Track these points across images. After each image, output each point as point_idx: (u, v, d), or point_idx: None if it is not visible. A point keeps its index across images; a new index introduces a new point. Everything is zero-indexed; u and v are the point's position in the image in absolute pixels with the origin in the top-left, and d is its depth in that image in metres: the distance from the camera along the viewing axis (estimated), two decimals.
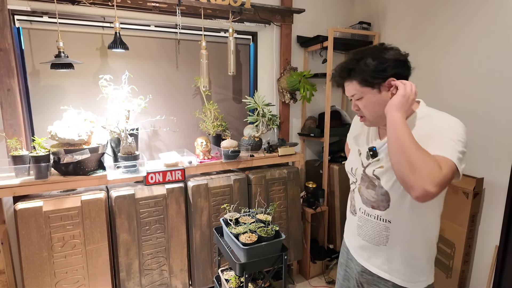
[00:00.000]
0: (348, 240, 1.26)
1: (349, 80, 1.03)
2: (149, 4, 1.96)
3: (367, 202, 1.10)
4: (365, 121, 1.08)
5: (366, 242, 1.12)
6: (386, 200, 1.04)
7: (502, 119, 1.79)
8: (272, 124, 2.32)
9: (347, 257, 1.26)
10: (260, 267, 1.49)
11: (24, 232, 1.56)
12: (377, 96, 1.00)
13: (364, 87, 1.00)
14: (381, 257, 1.09)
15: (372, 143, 1.11)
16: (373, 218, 1.08)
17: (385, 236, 1.06)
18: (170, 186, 1.90)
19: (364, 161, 1.11)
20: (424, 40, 2.22)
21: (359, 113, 1.08)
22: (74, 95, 1.98)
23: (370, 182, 1.08)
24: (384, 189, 1.03)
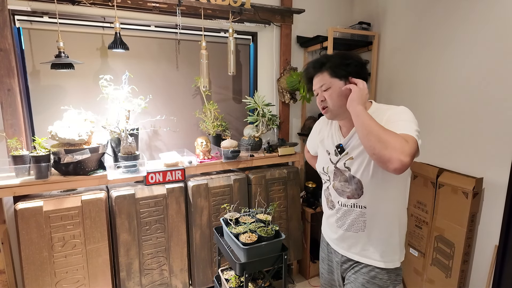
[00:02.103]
0: (327, 234, 1.36)
1: (320, 72, 1.16)
2: (149, 4, 1.97)
3: (342, 193, 1.20)
4: (327, 113, 1.19)
5: (346, 231, 1.22)
6: (360, 187, 1.15)
7: (501, 119, 1.79)
8: (272, 124, 2.32)
9: (327, 251, 1.37)
10: (260, 267, 1.49)
11: (24, 232, 1.57)
12: (341, 89, 1.13)
13: (332, 78, 1.13)
14: (360, 243, 1.19)
15: (338, 142, 1.22)
16: (350, 207, 1.19)
17: (363, 221, 1.18)
18: (170, 186, 1.90)
19: (334, 158, 1.23)
20: (424, 40, 2.23)
21: (323, 104, 1.18)
22: (74, 95, 1.98)
23: (342, 175, 1.20)
24: (356, 177, 1.15)
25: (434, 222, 2.06)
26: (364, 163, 1.12)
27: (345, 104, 1.11)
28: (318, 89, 1.18)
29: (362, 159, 1.12)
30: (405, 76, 2.37)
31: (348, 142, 1.18)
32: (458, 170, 1.99)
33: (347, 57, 1.14)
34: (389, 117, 1.07)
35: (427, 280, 2.11)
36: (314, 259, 2.55)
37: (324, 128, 1.35)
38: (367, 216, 1.17)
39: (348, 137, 1.18)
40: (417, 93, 2.28)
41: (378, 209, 1.16)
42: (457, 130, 2.01)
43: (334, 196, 1.25)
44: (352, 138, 1.17)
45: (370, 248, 1.18)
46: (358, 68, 1.14)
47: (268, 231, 1.51)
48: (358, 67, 1.14)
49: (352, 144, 1.16)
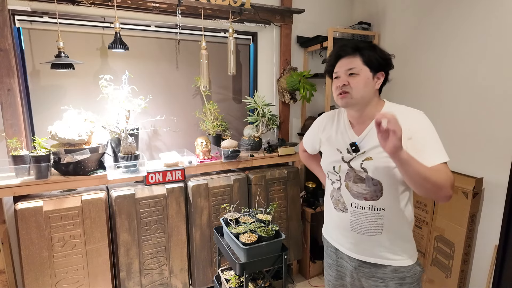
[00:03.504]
0: (337, 239, 1.27)
1: (352, 55, 1.11)
2: (149, 4, 1.97)
3: (358, 195, 1.14)
4: (345, 98, 1.12)
5: (362, 235, 1.15)
6: (379, 189, 1.10)
7: (501, 119, 1.79)
8: (272, 124, 2.32)
9: (336, 257, 1.29)
10: (260, 266, 1.49)
11: (24, 232, 1.57)
12: (370, 79, 1.10)
13: (365, 66, 1.09)
14: (377, 246, 1.14)
15: (350, 140, 1.17)
16: (368, 210, 1.13)
17: (380, 224, 1.13)
18: (170, 186, 1.90)
19: (347, 156, 1.17)
20: (424, 40, 2.23)
21: (345, 89, 1.11)
22: (74, 95, 1.98)
23: (357, 176, 1.14)
24: (376, 179, 1.10)
25: (434, 222, 2.06)
26: (386, 164, 1.07)
27: (367, 95, 1.10)
28: (344, 71, 1.11)
29: (383, 161, 1.07)
30: (405, 76, 2.37)
31: (363, 141, 1.13)
32: (458, 170, 1.99)
33: (384, 52, 1.13)
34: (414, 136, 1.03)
35: (427, 280, 2.11)
36: (314, 259, 2.55)
37: (330, 125, 1.28)
38: (385, 218, 1.12)
39: (363, 136, 1.14)
40: (417, 93, 2.28)
41: (395, 210, 1.12)
42: (457, 130, 2.01)
43: (347, 198, 1.18)
44: (368, 137, 1.12)
45: (388, 248, 1.13)
46: (387, 67, 1.13)
47: (268, 231, 1.51)
48: (387, 67, 1.13)
49: (368, 143, 1.12)
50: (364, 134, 1.14)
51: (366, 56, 1.09)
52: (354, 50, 1.11)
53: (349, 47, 1.12)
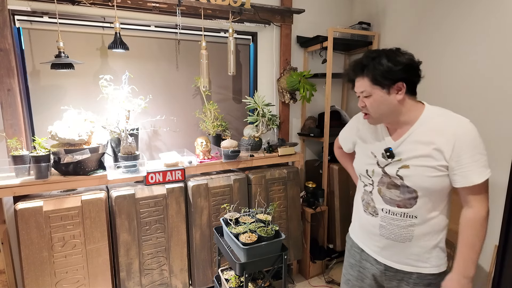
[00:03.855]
0: (364, 241, 1.26)
1: (361, 76, 1.08)
2: (149, 4, 1.97)
3: (391, 202, 1.12)
4: (369, 119, 1.13)
5: (391, 240, 1.14)
6: (414, 198, 1.08)
7: (501, 119, 1.79)
8: (272, 124, 2.32)
9: (360, 258, 1.27)
10: (260, 266, 1.49)
11: (24, 232, 1.57)
12: (385, 96, 1.06)
13: (374, 86, 1.05)
14: (404, 253, 1.13)
15: (386, 144, 1.14)
16: (399, 217, 1.11)
17: (411, 231, 1.11)
18: (170, 186, 1.90)
19: (382, 161, 1.14)
20: (424, 40, 2.23)
21: (364, 110, 1.12)
22: (74, 95, 1.98)
23: (391, 182, 1.11)
24: (412, 188, 1.07)
25: None
26: (423, 174, 1.04)
27: (387, 112, 1.07)
28: (359, 93, 1.11)
29: (421, 170, 1.05)
30: None
31: (399, 147, 1.10)
32: None
33: (395, 61, 1.03)
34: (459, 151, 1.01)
35: None
36: (314, 259, 2.55)
37: (366, 126, 1.24)
38: (416, 226, 1.10)
39: (399, 142, 1.10)
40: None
41: (428, 218, 1.10)
42: None
43: (379, 203, 1.16)
44: (405, 143, 1.09)
45: (418, 256, 1.12)
46: (408, 73, 1.05)
47: (268, 231, 1.51)
48: (409, 73, 1.05)
49: (405, 150, 1.08)
50: (401, 140, 1.10)
51: (372, 76, 1.04)
52: (360, 72, 1.07)
53: (355, 70, 1.09)
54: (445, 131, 1.04)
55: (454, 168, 1.02)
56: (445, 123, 1.06)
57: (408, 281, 1.15)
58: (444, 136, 1.03)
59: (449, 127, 1.04)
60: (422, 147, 1.06)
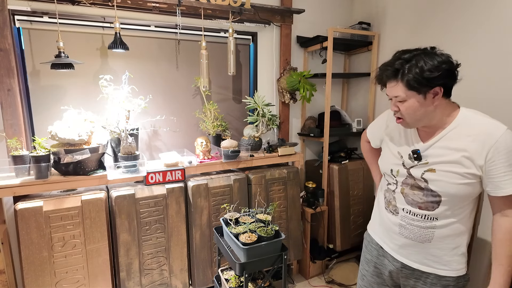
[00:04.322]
0: (381, 238, 1.26)
1: (394, 80, 1.02)
2: (149, 4, 1.97)
3: (413, 203, 1.11)
4: (403, 123, 1.10)
5: (410, 240, 1.14)
6: (437, 201, 1.07)
7: (502, 119, 1.79)
8: (272, 124, 2.32)
9: (377, 254, 1.28)
10: (260, 266, 1.49)
11: (24, 232, 1.57)
12: (421, 101, 1.01)
13: (410, 91, 1.00)
14: (423, 253, 1.13)
15: (414, 146, 1.12)
16: (420, 218, 1.11)
17: (431, 233, 1.10)
18: (170, 186, 1.90)
19: (408, 162, 1.13)
20: (424, 40, 2.23)
21: (398, 115, 1.08)
22: (74, 95, 1.98)
23: (415, 184, 1.10)
24: (436, 192, 1.06)
25: None
26: (449, 180, 1.02)
27: (423, 115, 1.03)
28: (392, 97, 1.07)
29: (447, 176, 1.03)
30: None
31: (428, 150, 1.08)
32: None
33: (432, 65, 0.96)
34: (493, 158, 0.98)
35: None
36: (314, 259, 2.55)
37: (394, 125, 1.20)
38: (437, 228, 1.09)
39: (428, 145, 1.08)
40: None
41: (450, 222, 1.08)
42: None
43: (400, 202, 1.15)
44: (434, 147, 1.06)
45: (437, 258, 1.12)
46: (447, 79, 0.99)
47: (268, 231, 1.51)
48: (448, 78, 0.99)
49: (433, 153, 1.06)
50: (430, 143, 1.08)
51: (407, 81, 0.98)
52: (393, 76, 1.02)
53: (388, 75, 1.03)
54: (479, 138, 1.00)
55: (488, 176, 1.00)
56: (480, 129, 1.01)
57: (425, 281, 1.15)
58: (477, 143, 0.99)
59: (483, 134, 1.00)
60: (451, 153, 1.03)
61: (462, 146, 1.02)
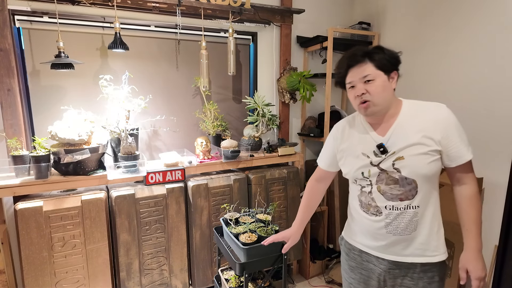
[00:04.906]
0: (364, 242, 1.25)
1: (363, 62, 1.10)
2: (149, 4, 1.97)
3: (393, 197, 1.13)
4: (368, 107, 1.11)
5: (398, 236, 1.15)
6: (414, 187, 1.11)
7: (501, 119, 1.79)
8: (272, 124, 2.32)
9: (361, 260, 1.27)
10: (260, 266, 1.49)
11: (24, 232, 1.57)
12: (387, 82, 1.10)
13: (378, 71, 1.09)
14: (413, 245, 1.15)
15: (376, 141, 1.16)
16: (404, 209, 1.13)
17: (416, 221, 1.13)
18: (170, 186, 1.90)
19: (375, 159, 1.15)
20: (424, 40, 2.23)
21: (365, 97, 1.10)
22: (74, 95, 1.98)
23: (389, 177, 1.13)
24: (410, 178, 1.10)
25: None
26: (419, 162, 1.08)
27: (388, 98, 1.11)
28: (359, 80, 1.10)
29: (416, 159, 1.08)
30: (405, 76, 2.36)
31: (390, 141, 1.12)
32: None
33: (391, 52, 1.12)
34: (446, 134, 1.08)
35: None
36: (314, 259, 2.55)
37: (348, 133, 1.25)
38: (419, 215, 1.13)
39: (388, 135, 1.13)
40: (417, 93, 2.27)
41: (428, 206, 1.14)
42: None
43: (381, 201, 1.16)
44: (394, 137, 1.12)
45: (424, 245, 1.15)
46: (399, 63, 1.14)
47: (268, 231, 1.51)
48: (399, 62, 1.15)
49: (396, 142, 1.11)
50: (389, 134, 1.13)
51: (377, 60, 1.08)
52: (363, 57, 1.10)
53: (359, 55, 1.10)
54: (429, 117, 1.10)
55: (447, 149, 1.09)
56: (426, 110, 1.12)
57: (412, 276, 1.16)
58: (429, 122, 1.09)
59: (431, 113, 1.11)
60: (411, 136, 1.09)
61: (418, 128, 1.09)
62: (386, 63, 1.09)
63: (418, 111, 1.13)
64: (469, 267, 1.11)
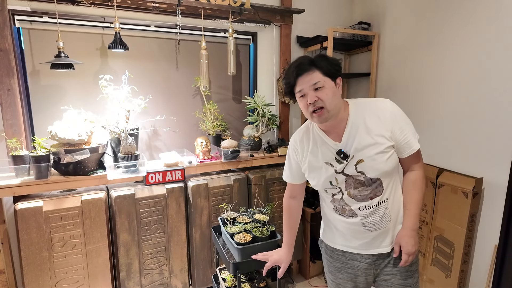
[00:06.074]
0: (345, 243, 1.27)
1: (311, 71, 1.11)
2: (149, 4, 1.97)
3: (364, 198, 1.18)
4: (322, 114, 1.11)
5: (377, 231, 1.20)
6: (380, 184, 1.16)
7: (501, 119, 1.79)
8: (272, 124, 2.32)
9: (346, 260, 1.29)
10: (254, 267, 1.49)
11: (24, 232, 1.57)
12: (334, 88, 1.12)
13: (326, 77, 1.11)
14: (390, 235, 1.22)
15: (334, 148, 1.18)
16: (376, 206, 1.18)
17: (388, 213, 1.19)
18: (170, 186, 1.90)
19: (339, 167, 1.17)
20: (424, 40, 2.22)
21: (318, 104, 1.10)
22: (74, 95, 1.98)
23: (356, 181, 1.16)
24: (375, 177, 1.15)
25: (434, 222, 2.06)
26: (378, 161, 1.12)
27: (338, 102, 1.13)
28: (309, 87, 1.10)
29: (375, 158, 1.12)
30: (405, 76, 2.37)
31: (347, 146, 1.15)
32: (458, 170, 1.99)
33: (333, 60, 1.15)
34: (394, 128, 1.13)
35: (427, 280, 2.11)
36: (314, 259, 2.55)
37: (306, 145, 1.26)
38: (389, 207, 1.19)
39: (344, 141, 1.15)
40: (417, 93, 2.27)
41: (394, 196, 1.20)
42: (457, 130, 2.01)
43: (353, 203, 1.19)
44: (349, 141, 1.14)
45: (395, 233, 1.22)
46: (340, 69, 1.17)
47: (263, 232, 1.51)
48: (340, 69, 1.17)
49: (353, 146, 1.14)
50: (345, 140, 1.15)
51: (323, 67, 1.10)
52: (310, 65, 1.11)
53: (306, 63, 1.12)
54: (375, 114, 1.14)
55: (398, 141, 1.14)
56: (372, 108, 1.16)
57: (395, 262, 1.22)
58: (377, 119, 1.13)
59: (376, 110, 1.15)
60: (365, 138, 1.13)
61: (369, 128, 1.13)
62: (331, 70, 1.11)
63: (364, 111, 1.16)
64: (402, 243, 1.17)
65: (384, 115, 1.13)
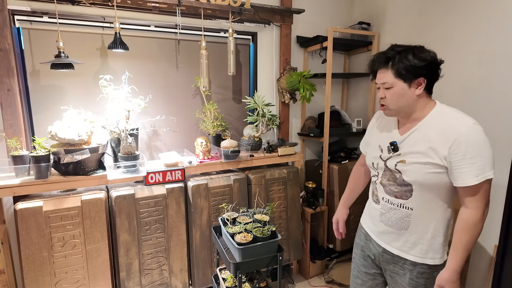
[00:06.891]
0: (367, 225, 1.38)
1: (385, 68, 1.12)
2: (149, 4, 1.97)
3: (390, 192, 1.21)
4: (385, 110, 1.18)
5: (389, 227, 1.23)
6: (409, 190, 1.16)
7: (501, 119, 1.79)
8: (272, 124, 2.32)
9: (365, 239, 1.39)
10: (255, 267, 1.49)
11: (24, 232, 1.57)
12: (406, 90, 1.10)
13: (397, 79, 1.10)
14: (401, 240, 1.21)
15: (393, 138, 1.20)
16: (396, 206, 1.20)
17: (407, 221, 1.18)
18: (170, 186, 1.90)
19: (385, 155, 1.22)
20: (424, 40, 2.22)
21: (383, 101, 1.17)
22: (74, 95, 1.98)
23: (392, 175, 1.19)
24: (407, 181, 1.15)
25: None
26: (418, 170, 1.11)
27: (405, 105, 1.12)
28: (380, 84, 1.15)
29: (416, 167, 1.11)
30: None
31: (403, 142, 1.16)
32: None
33: (419, 57, 1.07)
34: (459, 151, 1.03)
35: None
36: (314, 259, 2.55)
37: (379, 122, 1.33)
38: (412, 217, 1.17)
39: (405, 136, 1.16)
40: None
41: (424, 212, 1.15)
42: None
43: (380, 192, 1.26)
44: (408, 139, 1.15)
45: (412, 245, 1.19)
46: (429, 70, 1.08)
47: (264, 232, 1.51)
48: (431, 70, 1.09)
49: (406, 146, 1.14)
50: (406, 135, 1.16)
51: (396, 69, 1.09)
52: (385, 63, 1.11)
53: (380, 62, 1.13)
54: (446, 131, 1.07)
55: (451, 167, 1.07)
56: (448, 123, 1.08)
57: (403, 266, 1.23)
58: (443, 136, 1.07)
59: (450, 127, 1.07)
60: (420, 144, 1.12)
61: (429, 138, 1.10)
62: (406, 72, 1.07)
63: (440, 122, 1.10)
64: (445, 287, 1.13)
65: (452, 135, 1.04)
